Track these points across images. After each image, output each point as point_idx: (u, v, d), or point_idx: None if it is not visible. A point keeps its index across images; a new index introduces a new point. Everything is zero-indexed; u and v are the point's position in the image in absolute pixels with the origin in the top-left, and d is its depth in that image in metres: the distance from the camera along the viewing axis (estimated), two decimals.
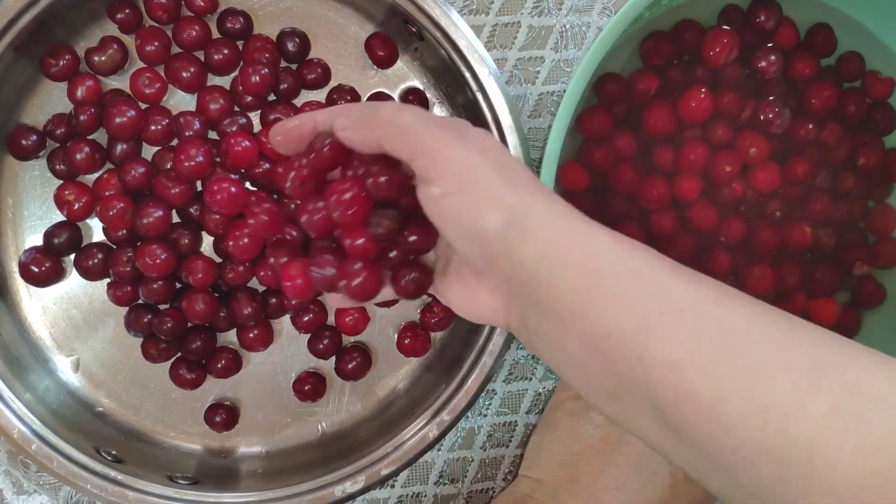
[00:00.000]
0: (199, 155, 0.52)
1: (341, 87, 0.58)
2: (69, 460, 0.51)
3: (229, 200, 0.51)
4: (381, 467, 0.53)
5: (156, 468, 0.54)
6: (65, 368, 0.56)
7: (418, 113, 0.39)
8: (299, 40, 0.57)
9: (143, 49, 0.54)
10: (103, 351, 0.57)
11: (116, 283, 0.55)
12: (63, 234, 0.54)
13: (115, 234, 0.54)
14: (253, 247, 0.53)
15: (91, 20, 0.55)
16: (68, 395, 0.56)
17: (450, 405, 0.54)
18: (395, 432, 0.54)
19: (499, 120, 0.54)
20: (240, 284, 0.55)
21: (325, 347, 0.57)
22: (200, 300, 0.54)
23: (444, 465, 0.61)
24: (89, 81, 0.54)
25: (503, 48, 0.61)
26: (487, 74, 0.53)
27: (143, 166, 0.53)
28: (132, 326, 0.55)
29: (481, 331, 0.55)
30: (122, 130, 0.52)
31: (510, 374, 0.62)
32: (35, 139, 0.54)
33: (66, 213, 0.54)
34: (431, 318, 0.59)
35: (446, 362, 0.58)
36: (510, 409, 0.62)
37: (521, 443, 0.62)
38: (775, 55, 0.57)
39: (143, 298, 0.55)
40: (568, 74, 0.61)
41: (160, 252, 0.52)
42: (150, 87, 0.54)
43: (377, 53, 0.58)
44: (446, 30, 0.53)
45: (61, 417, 0.53)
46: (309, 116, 0.43)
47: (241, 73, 0.54)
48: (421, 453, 0.54)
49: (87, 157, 0.53)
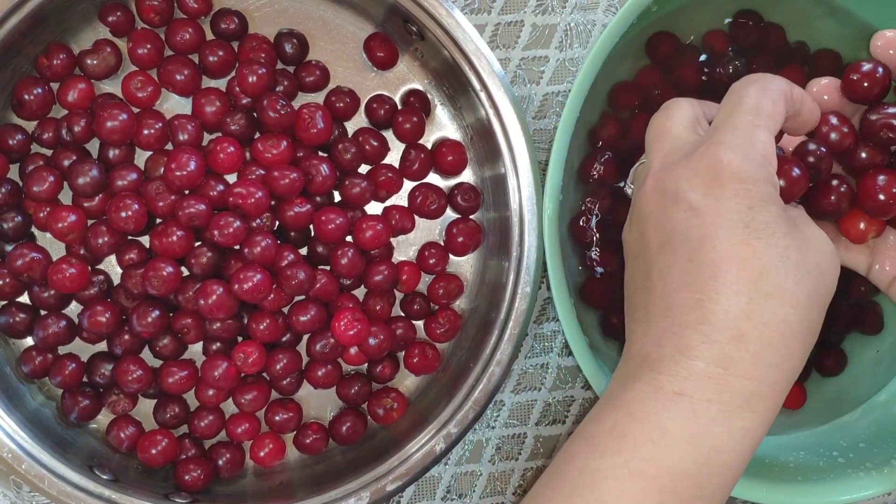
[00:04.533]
0: (191, 162, 0.50)
1: (340, 89, 0.56)
2: (61, 479, 0.49)
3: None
4: (386, 483, 0.51)
5: (152, 486, 0.52)
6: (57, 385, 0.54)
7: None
8: (297, 42, 0.55)
9: (135, 52, 0.53)
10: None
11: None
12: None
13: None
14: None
15: (84, 22, 0.54)
16: (60, 412, 0.54)
17: (457, 417, 0.52)
18: (400, 446, 0.52)
19: (504, 121, 0.52)
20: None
21: (323, 377, 0.55)
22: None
23: (452, 479, 0.59)
24: (81, 84, 0.52)
25: (506, 48, 0.59)
26: (492, 74, 0.52)
27: (134, 172, 0.52)
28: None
29: (488, 340, 0.53)
30: (113, 135, 0.51)
31: (518, 385, 0.60)
32: (21, 139, 0.52)
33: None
34: (437, 328, 0.57)
35: (452, 373, 0.56)
36: (519, 421, 0.60)
37: (531, 456, 0.60)
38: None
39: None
40: (573, 74, 0.60)
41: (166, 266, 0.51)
42: (143, 90, 0.53)
43: (377, 54, 0.56)
44: (448, 29, 0.51)
45: (53, 435, 0.51)
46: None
47: (238, 74, 0.52)
48: (427, 467, 0.52)
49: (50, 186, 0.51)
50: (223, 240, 0.50)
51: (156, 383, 0.53)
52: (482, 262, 0.58)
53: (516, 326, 0.52)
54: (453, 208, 0.58)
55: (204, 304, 0.50)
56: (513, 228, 0.53)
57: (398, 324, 0.56)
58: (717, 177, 0.38)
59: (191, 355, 0.55)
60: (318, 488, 0.52)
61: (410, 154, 0.57)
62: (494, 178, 0.55)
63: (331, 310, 0.54)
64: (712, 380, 0.37)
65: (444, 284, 0.57)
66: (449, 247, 0.57)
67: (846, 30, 0.58)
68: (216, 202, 0.51)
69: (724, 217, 0.38)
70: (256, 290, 0.50)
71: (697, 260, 0.38)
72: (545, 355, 0.60)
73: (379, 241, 0.54)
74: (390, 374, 0.56)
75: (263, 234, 0.51)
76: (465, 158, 0.57)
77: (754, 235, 0.37)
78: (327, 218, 0.53)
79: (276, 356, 0.53)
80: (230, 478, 0.55)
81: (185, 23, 0.54)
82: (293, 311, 0.53)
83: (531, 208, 0.52)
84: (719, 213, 0.38)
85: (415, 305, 0.57)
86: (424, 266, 0.57)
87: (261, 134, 0.54)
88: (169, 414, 0.54)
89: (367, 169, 0.57)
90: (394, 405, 0.56)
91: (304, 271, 0.52)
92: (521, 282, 0.52)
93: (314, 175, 0.53)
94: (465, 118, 0.57)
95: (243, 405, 0.54)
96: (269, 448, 0.55)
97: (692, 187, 0.39)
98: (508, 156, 0.53)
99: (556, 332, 0.60)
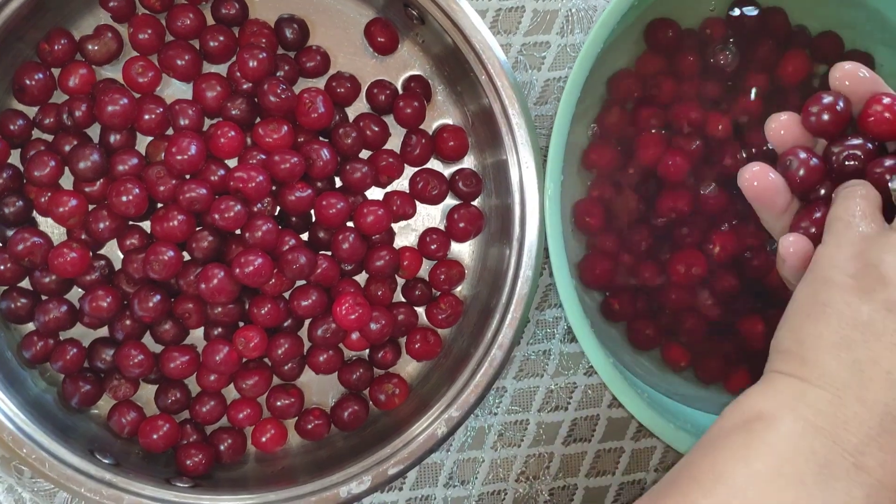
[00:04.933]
0: (192, 147, 0.50)
1: (340, 74, 0.56)
2: (63, 463, 0.49)
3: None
4: (387, 467, 0.51)
5: (153, 471, 0.52)
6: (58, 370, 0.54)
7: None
8: (297, 27, 0.55)
9: (136, 37, 0.53)
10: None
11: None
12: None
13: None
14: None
15: (85, 8, 0.54)
16: (62, 397, 0.54)
17: (458, 401, 0.52)
18: (402, 430, 0.52)
19: (505, 107, 0.52)
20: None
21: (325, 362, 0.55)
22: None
23: (454, 465, 0.59)
24: (82, 70, 0.52)
25: (507, 33, 0.59)
26: (493, 59, 0.52)
27: (135, 157, 0.52)
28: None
29: (489, 326, 0.53)
30: (114, 119, 0.51)
31: (521, 371, 0.60)
32: (22, 124, 0.52)
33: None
34: (438, 314, 0.56)
35: (454, 359, 0.56)
36: (521, 407, 0.60)
37: (533, 442, 0.60)
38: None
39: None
40: (574, 60, 0.59)
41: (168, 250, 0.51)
42: (144, 75, 0.53)
43: (377, 40, 0.56)
44: (450, 13, 0.51)
45: (54, 419, 0.51)
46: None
47: (238, 59, 0.52)
48: (429, 451, 0.52)
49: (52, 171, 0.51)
50: (224, 224, 0.50)
51: (157, 368, 0.53)
52: (483, 248, 0.58)
53: (518, 311, 0.52)
54: (454, 194, 0.57)
55: (205, 289, 0.50)
56: (514, 214, 0.53)
57: (400, 309, 0.56)
58: None
59: (192, 340, 0.55)
60: (319, 473, 0.52)
61: (412, 139, 0.56)
62: (496, 164, 0.55)
63: (332, 295, 0.54)
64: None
65: (446, 270, 0.57)
66: (450, 232, 0.57)
67: (852, 13, 0.58)
68: (217, 187, 0.51)
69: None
70: (257, 274, 0.50)
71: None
72: (547, 342, 0.60)
73: (380, 227, 0.54)
74: (392, 360, 0.56)
75: (264, 219, 0.51)
76: (466, 144, 0.57)
77: None
78: (328, 203, 0.53)
79: (278, 341, 0.53)
80: (232, 463, 0.55)
81: (186, 8, 0.54)
82: (294, 295, 0.53)
83: (533, 194, 0.52)
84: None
85: (416, 291, 0.57)
86: (426, 252, 0.57)
87: (261, 119, 0.54)
88: (170, 399, 0.54)
89: (369, 154, 0.56)
90: (395, 391, 0.56)
91: (306, 256, 0.51)
92: (523, 267, 0.52)
93: (315, 160, 0.52)
94: (466, 104, 0.57)
95: (245, 390, 0.54)
96: (270, 433, 0.55)
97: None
98: (510, 141, 0.53)
99: (558, 319, 0.60)
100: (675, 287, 0.58)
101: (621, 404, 0.51)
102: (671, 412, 0.54)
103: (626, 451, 0.61)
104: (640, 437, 0.61)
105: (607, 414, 0.61)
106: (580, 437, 0.60)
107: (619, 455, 0.61)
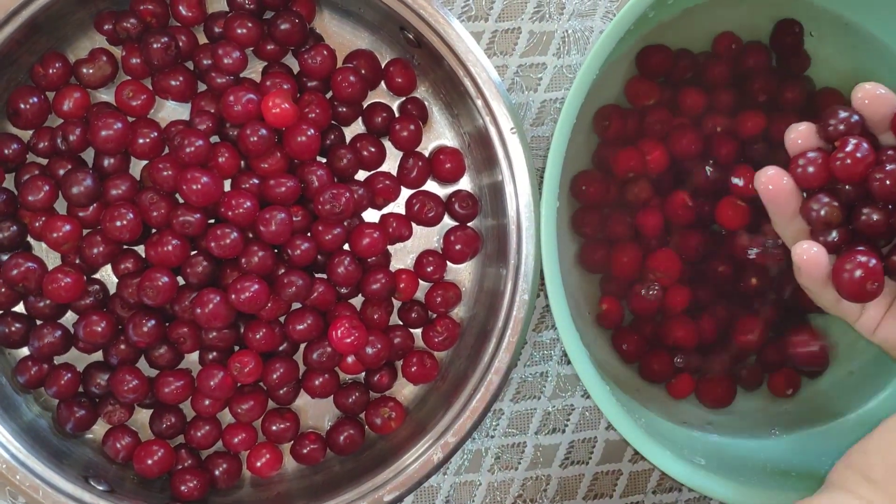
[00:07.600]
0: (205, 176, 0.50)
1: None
2: (57, 490, 0.49)
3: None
4: (383, 493, 0.51)
5: (148, 497, 0.52)
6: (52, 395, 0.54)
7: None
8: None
9: (128, 62, 0.53)
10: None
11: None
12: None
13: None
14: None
15: (80, 31, 0.54)
16: (56, 422, 0.53)
17: (455, 426, 0.52)
18: (398, 456, 0.52)
19: (501, 129, 0.52)
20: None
21: (321, 386, 0.55)
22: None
23: (451, 489, 0.59)
24: (77, 94, 0.52)
25: (503, 55, 0.59)
26: (488, 82, 0.51)
27: (129, 181, 0.52)
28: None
29: (486, 349, 0.53)
30: (108, 144, 0.50)
31: (518, 393, 0.59)
32: (16, 148, 0.52)
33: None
34: (435, 336, 0.56)
35: (451, 382, 0.56)
36: (518, 430, 0.59)
37: (530, 465, 0.59)
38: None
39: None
40: (571, 81, 0.59)
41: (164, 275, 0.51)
42: (136, 99, 0.53)
43: (395, 80, 0.56)
44: (445, 37, 0.51)
45: (48, 445, 0.51)
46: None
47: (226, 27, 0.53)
48: (425, 478, 0.51)
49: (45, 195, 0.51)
50: (220, 252, 0.50)
51: (152, 393, 0.53)
52: (480, 270, 0.58)
53: (514, 334, 0.52)
54: (451, 216, 0.57)
55: (200, 314, 0.50)
56: (510, 236, 0.53)
57: (396, 332, 0.56)
58: None
59: (187, 365, 0.54)
60: (315, 498, 0.52)
61: (408, 161, 0.56)
62: (492, 186, 0.55)
63: (328, 318, 0.54)
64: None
65: (442, 292, 0.56)
66: (447, 254, 0.57)
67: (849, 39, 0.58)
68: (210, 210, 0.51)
69: None
70: (254, 300, 0.50)
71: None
72: (544, 364, 0.60)
73: (376, 249, 0.54)
74: (388, 383, 0.56)
75: (260, 245, 0.51)
76: (462, 166, 0.57)
77: None
78: (325, 227, 0.53)
79: (273, 365, 0.53)
80: (227, 488, 0.55)
81: (179, 31, 0.53)
82: (290, 319, 0.53)
83: (529, 216, 0.52)
84: None
85: (413, 314, 0.57)
86: (422, 274, 0.57)
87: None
88: (165, 424, 0.53)
89: (365, 176, 0.56)
90: (392, 414, 0.55)
91: (302, 279, 0.51)
92: (520, 289, 0.52)
93: (311, 182, 0.52)
94: (462, 126, 0.57)
95: (240, 415, 0.53)
96: (266, 458, 0.54)
97: None
98: (506, 163, 0.52)
99: (555, 341, 0.60)
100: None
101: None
102: (669, 439, 0.54)
103: (624, 474, 0.61)
104: (638, 460, 0.61)
105: (605, 436, 0.60)
106: (578, 459, 0.60)
107: (616, 478, 0.61)
